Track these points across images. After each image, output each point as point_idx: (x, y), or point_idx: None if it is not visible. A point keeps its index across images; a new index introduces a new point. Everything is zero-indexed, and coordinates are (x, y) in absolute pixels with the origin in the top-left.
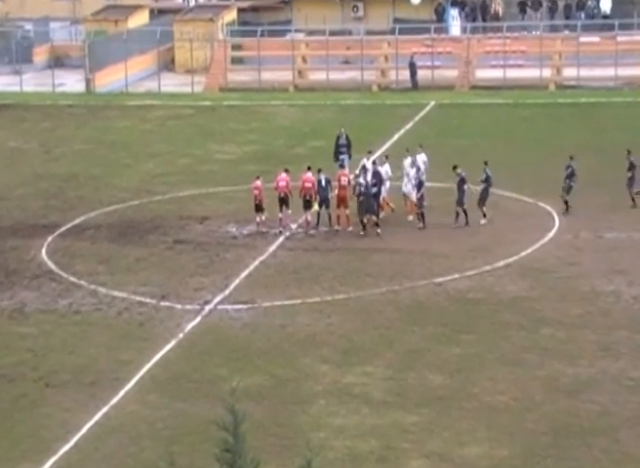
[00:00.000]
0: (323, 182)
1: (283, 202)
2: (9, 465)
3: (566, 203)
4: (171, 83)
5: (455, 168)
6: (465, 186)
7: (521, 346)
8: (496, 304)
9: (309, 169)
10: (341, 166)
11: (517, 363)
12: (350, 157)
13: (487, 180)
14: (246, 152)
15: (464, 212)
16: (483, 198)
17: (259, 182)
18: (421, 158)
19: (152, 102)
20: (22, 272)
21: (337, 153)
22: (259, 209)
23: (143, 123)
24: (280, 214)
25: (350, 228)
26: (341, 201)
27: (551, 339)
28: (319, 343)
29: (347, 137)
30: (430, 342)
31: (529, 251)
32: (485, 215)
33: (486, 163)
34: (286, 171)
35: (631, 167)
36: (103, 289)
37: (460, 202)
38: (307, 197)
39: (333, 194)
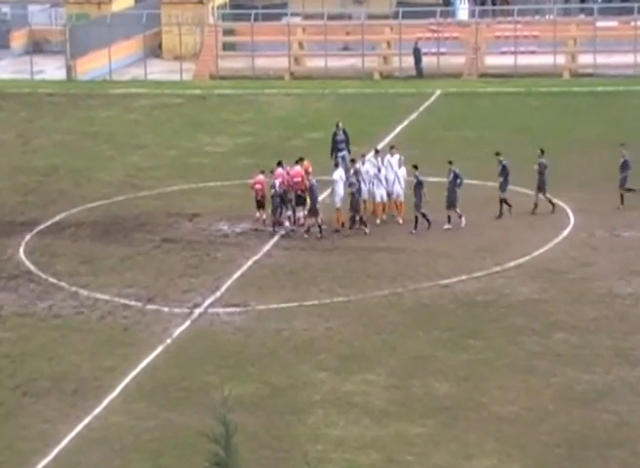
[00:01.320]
0: (277, 187)
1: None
2: None
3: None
4: (158, 70)
5: (415, 167)
6: (423, 190)
7: (533, 352)
8: (506, 307)
9: (298, 162)
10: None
11: (528, 370)
12: (350, 153)
13: (454, 180)
14: (238, 144)
15: (424, 215)
16: (452, 200)
17: (261, 177)
18: (384, 161)
19: (138, 91)
20: None
21: (334, 150)
22: (260, 205)
23: (128, 113)
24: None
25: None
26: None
27: (565, 345)
28: (317, 349)
29: (345, 132)
30: (436, 348)
31: (541, 250)
32: (449, 221)
33: (450, 162)
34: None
35: (541, 168)
36: (86, 290)
37: (417, 206)
38: (298, 192)
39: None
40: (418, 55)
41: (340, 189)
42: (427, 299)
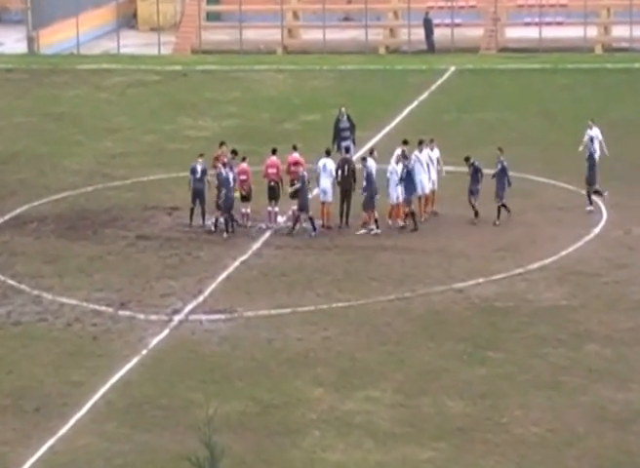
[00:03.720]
0: (198, 172)
1: (273, 192)
2: None
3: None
4: (132, 43)
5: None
6: (480, 175)
7: (560, 366)
8: (529, 315)
9: (295, 148)
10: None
11: (555, 387)
12: (355, 143)
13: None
14: (224, 128)
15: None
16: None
17: (245, 165)
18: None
19: (110, 67)
20: None
21: (337, 139)
22: (245, 198)
23: (99, 91)
24: (269, 208)
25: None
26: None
27: (597, 358)
28: (313, 362)
29: (350, 119)
30: (449, 361)
31: (569, 250)
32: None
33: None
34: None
35: (475, 172)
36: (49, 294)
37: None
38: (294, 183)
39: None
40: (429, 26)
41: (325, 181)
42: (439, 305)
